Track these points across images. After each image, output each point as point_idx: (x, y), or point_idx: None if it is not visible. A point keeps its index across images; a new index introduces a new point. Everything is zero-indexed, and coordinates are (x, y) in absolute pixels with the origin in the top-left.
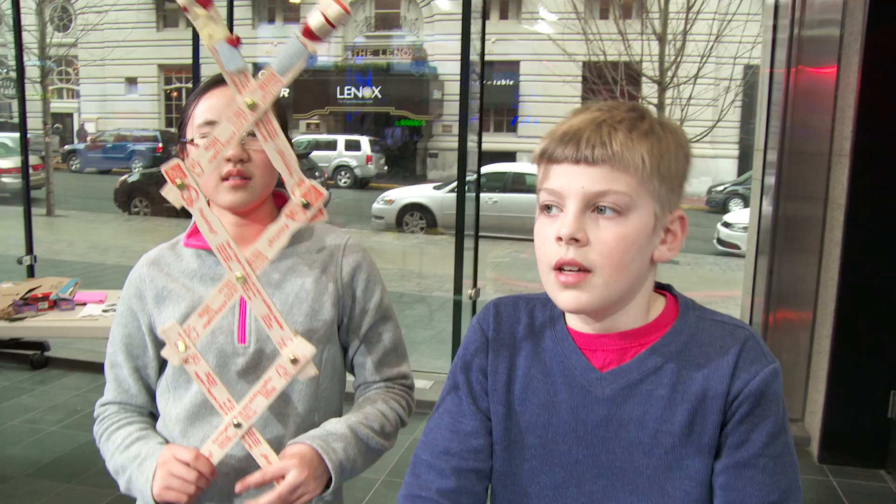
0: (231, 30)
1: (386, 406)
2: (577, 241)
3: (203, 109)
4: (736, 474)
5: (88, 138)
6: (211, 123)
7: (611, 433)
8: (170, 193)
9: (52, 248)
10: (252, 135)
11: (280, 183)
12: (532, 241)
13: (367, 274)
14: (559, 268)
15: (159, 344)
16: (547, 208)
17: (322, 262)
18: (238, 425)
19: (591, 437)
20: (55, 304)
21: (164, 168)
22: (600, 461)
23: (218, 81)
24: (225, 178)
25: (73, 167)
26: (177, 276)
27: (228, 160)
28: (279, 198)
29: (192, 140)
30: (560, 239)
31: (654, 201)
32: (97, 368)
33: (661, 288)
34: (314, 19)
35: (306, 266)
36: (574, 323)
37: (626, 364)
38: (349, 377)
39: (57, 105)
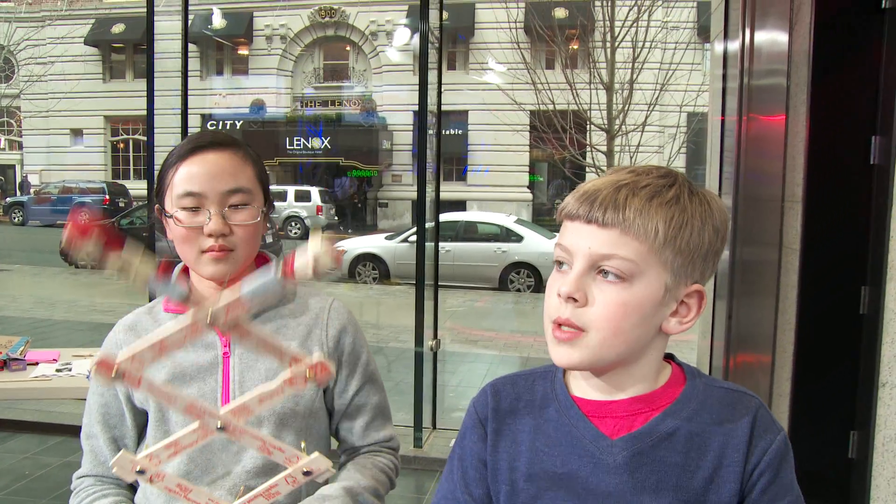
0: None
1: (376, 469)
2: (575, 300)
3: (183, 178)
4: None
5: (32, 190)
6: (192, 195)
7: (626, 503)
8: (102, 380)
9: None
10: (233, 206)
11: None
12: (485, 289)
13: (353, 337)
14: (558, 324)
15: (137, 413)
16: (559, 263)
17: (307, 326)
18: None
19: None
20: (5, 365)
21: (94, 364)
22: None
23: (200, 145)
24: (206, 251)
25: (16, 220)
26: None
27: (210, 235)
28: (260, 258)
29: (174, 215)
30: (559, 296)
31: (666, 272)
32: (46, 429)
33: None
34: (301, 263)
35: (290, 329)
36: (579, 391)
37: (638, 430)
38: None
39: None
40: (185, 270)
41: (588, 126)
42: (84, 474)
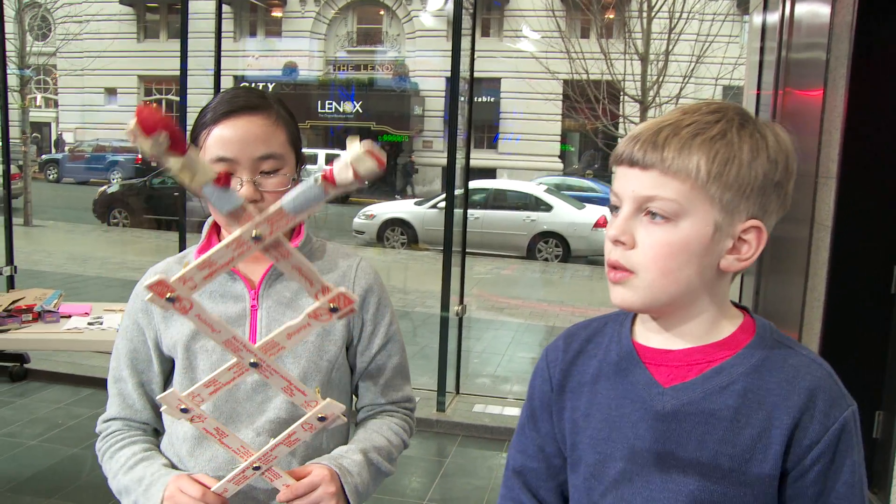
0: (219, 42)
1: (391, 432)
2: (622, 243)
3: (215, 143)
4: None
5: (66, 148)
6: (224, 160)
7: (669, 451)
8: (157, 301)
9: (30, 259)
10: (265, 172)
11: None
12: (513, 257)
13: (378, 297)
14: (612, 266)
15: (164, 360)
16: (613, 208)
17: (334, 283)
18: (257, 468)
19: (647, 455)
20: (39, 316)
21: (147, 285)
22: (652, 480)
23: (233, 109)
24: None
25: (51, 177)
26: None
27: None
28: None
29: None
30: (610, 239)
31: (715, 209)
32: (78, 381)
33: (739, 307)
34: (341, 171)
35: None
36: (642, 337)
37: (689, 381)
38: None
39: (35, 114)
40: (216, 228)
41: (622, 97)
42: (111, 417)
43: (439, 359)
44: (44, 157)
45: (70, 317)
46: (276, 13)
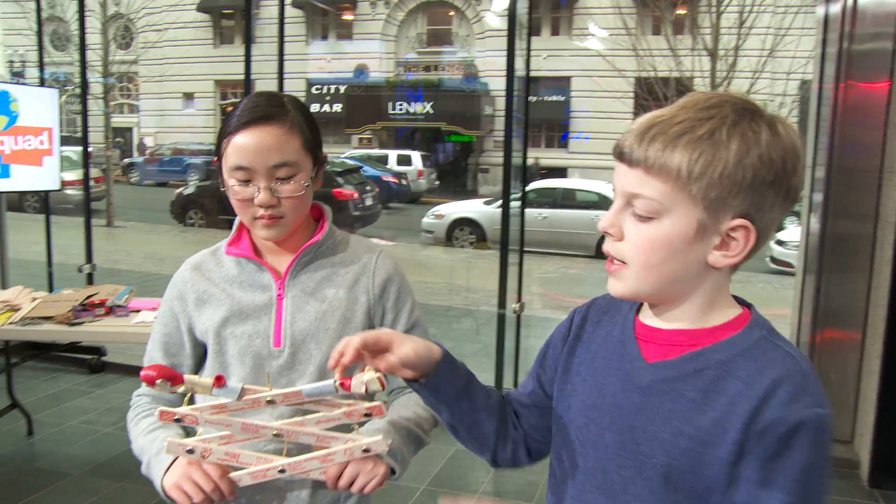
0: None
1: (419, 407)
2: (611, 235)
3: (234, 152)
4: None
5: (147, 152)
6: (242, 169)
7: (640, 424)
8: (172, 449)
9: (110, 258)
10: (280, 179)
11: (316, 195)
12: (582, 256)
13: (398, 286)
14: (608, 257)
15: (197, 344)
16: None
17: (355, 274)
18: (283, 471)
19: (622, 424)
20: (111, 311)
21: (157, 412)
22: (626, 450)
23: (252, 119)
24: (258, 218)
25: (132, 180)
26: (217, 282)
27: (259, 206)
28: (315, 209)
29: (229, 186)
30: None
31: (698, 208)
32: None
33: (743, 304)
34: (356, 386)
35: (339, 276)
36: (643, 315)
37: (669, 360)
38: None
39: (118, 120)
40: (243, 226)
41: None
42: (142, 393)
43: (496, 355)
44: (126, 160)
45: (140, 311)
46: (347, 16)
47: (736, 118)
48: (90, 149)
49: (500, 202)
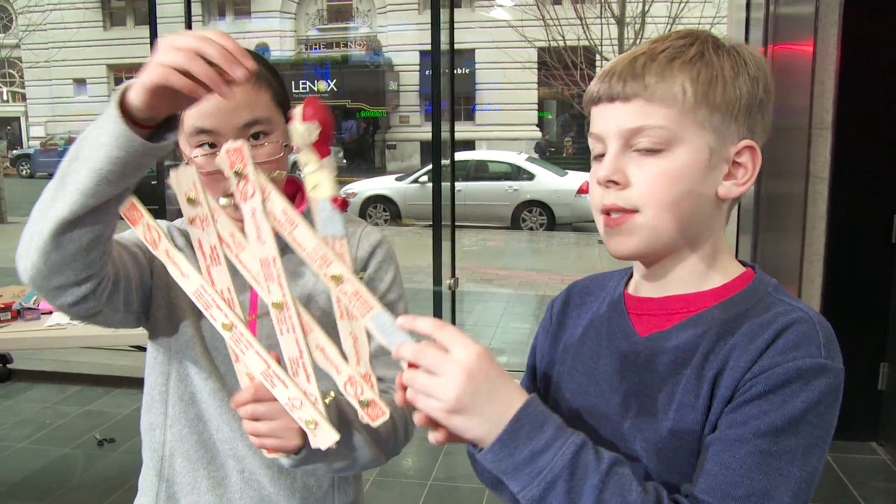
0: (189, 26)
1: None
2: (616, 183)
3: (192, 113)
4: (713, 450)
5: (40, 142)
6: (205, 132)
7: (639, 404)
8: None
9: (6, 256)
10: (254, 138)
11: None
12: (498, 228)
13: (385, 253)
14: (607, 212)
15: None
16: (596, 157)
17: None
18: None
19: (619, 407)
20: (18, 315)
21: (226, 151)
22: (626, 431)
23: None
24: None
25: (24, 172)
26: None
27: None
28: (291, 184)
29: (191, 158)
30: (599, 183)
31: (707, 132)
32: (64, 379)
33: (747, 266)
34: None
35: None
36: (632, 287)
37: (665, 330)
38: None
39: (2, 109)
40: None
41: (599, 61)
42: None
43: None
44: (15, 152)
45: (51, 313)
46: None
47: (715, 42)
48: None
49: (412, 177)
